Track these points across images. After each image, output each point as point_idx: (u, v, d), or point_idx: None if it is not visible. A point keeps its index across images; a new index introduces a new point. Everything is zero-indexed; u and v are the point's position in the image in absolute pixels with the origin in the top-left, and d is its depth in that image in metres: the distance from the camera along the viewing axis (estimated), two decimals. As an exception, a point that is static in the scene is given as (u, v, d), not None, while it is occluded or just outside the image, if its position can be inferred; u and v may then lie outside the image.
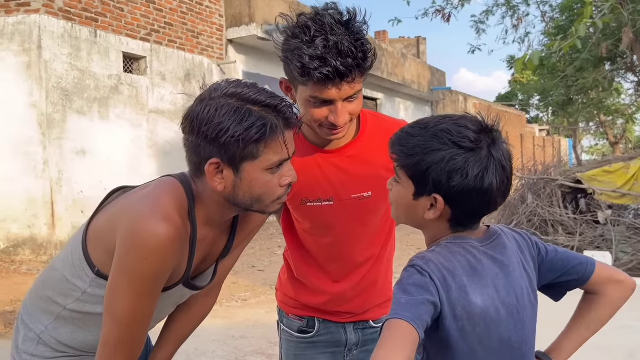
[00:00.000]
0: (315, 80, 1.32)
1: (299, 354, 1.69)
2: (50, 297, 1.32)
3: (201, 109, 1.16)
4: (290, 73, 1.41)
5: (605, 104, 20.26)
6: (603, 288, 1.14)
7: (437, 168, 1.02)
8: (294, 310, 1.70)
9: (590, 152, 42.89)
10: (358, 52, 1.31)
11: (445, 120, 1.06)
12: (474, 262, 1.06)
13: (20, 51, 6.80)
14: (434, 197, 1.04)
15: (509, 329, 1.06)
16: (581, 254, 1.19)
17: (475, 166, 1.01)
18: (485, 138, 1.04)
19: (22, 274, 6.21)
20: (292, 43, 1.35)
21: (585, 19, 3.60)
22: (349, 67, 1.30)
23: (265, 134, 1.14)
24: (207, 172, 1.18)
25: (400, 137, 1.10)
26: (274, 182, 1.21)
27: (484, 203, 1.05)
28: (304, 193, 1.55)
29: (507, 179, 1.06)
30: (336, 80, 1.31)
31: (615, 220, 7.28)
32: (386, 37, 19.12)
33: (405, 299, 0.97)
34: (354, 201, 1.54)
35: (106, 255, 1.21)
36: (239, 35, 10.05)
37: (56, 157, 6.91)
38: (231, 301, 5.67)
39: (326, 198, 1.55)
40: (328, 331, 1.67)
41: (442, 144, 1.03)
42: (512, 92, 34.33)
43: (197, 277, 1.38)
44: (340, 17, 1.32)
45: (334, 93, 1.34)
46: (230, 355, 3.99)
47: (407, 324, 0.92)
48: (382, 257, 1.66)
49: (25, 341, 1.35)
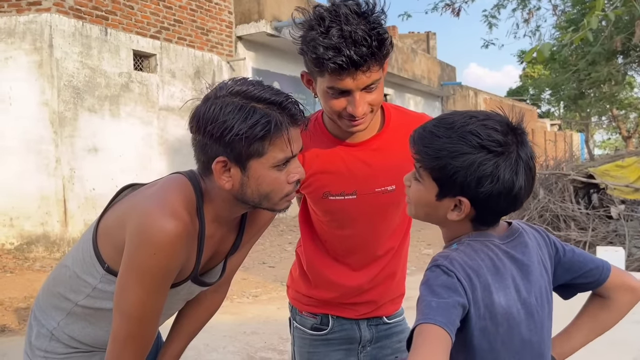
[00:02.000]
0: (329, 71, 1.31)
1: (312, 352, 1.67)
2: (62, 293, 1.33)
3: (206, 108, 1.17)
4: (308, 65, 1.41)
5: (618, 98, 20.07)
6: (615, 294, 1.13)
7: (466, 173, 0.98)
8: (307, 307, 1.68)
9: (602, 146, 42.53)
10: (373, 40, 1.30)
11: (472, 121, 1.02)
12: (496, 260, 1.04)
13: (32, 50, 6.85)
14: (459, 199, 1.01)
15: (529, 329, 1.05)
16: (597, 257, 1.17)
17: (506, 171, 0.99)
18: (512, 139, 1.02)
19: (36, 271, 6.27)
20: (308, 35, 1.34)
21: (597, 11, 3.56)
22: (364, 56, 1.29)
23: (270, 131, 1.14)
24: (214, 171, 1.18)
25: (423, 136, 1.06)
26: (281, 179, 1.21)
27: (511, 204, 1.03)
28: (326, 187, 1.54)
29: (532, 178, 1.04)
30: (351, 69, 1.30)
31: (628, 215, 7.21)
32: (396, 33, 19.04)
33: (436, 302, 0.94)
34: (377, 195, 1.52)
35: (115, 252, 1.22)
36: (248, 32, 10.05)
37: (68, 155, 6.97)
38: (242, 297, 5.69)
39: (349, 192, 1.53)
40: (342, 328, 1.65)
41: (471, 147, 0.99)
42: (523, 86, 34.09)
43: (206, 273, 1.39)
44: (356, 8, 1.32)
45: (350, 83, 1.33)
46: (242, 351, 4.00)
47: (441, 329, 0.90)
48: (401, 250, 1.65)
49: (38, 337, 1.36)
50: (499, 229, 1.11)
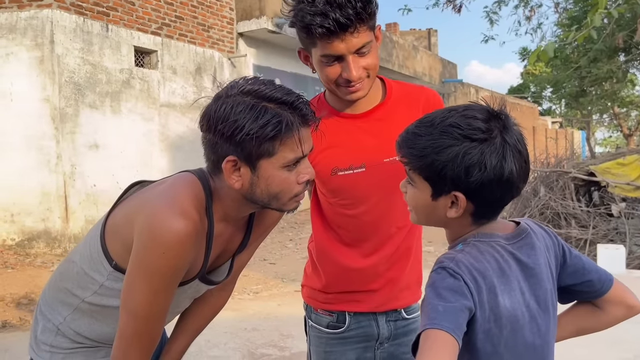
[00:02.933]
0: (318, 36, 1.35)
1: (329, 351, 1.64)
2: (69, 289, 1.33)
3: (217, 107, 1.16)
4: (301, 38, 1.44)
5: (619, 96, 20.04)
6: (610, 307, 1.12)
7: (453, 165, 0.97)
8: (322, 305, 1.65)
9: (603, 144, 42.48)
10: (357, 2, 1.33)
11: (452, 114, 1.01)
12: (502, 262, 1.03)
13: (33, 46, 6.85)
14: (454, 194, 1.00)
15: (532, 333, 1.04)
16: (602, 268, 1.14)
17: (492, 157, 0.97)
18: (495, 125, 1.00)
19: (37, 267, 6.28)
20: (296, 8, 1.40)
21: (600, 9, 3.55)
22: (350, 17, 1.33)
23: (281, 131, 1.14)
24: (224, 170, 1.18)
25: (406, 138, 1.05)
26: (291, 179, 1.20)
27: (507, 191, 1.01)
28: (334, 162, 1.53)
29: (525, 162, 1.02)
30: (340, 32, 1.34)
31: (629, 213, 7.20)
32: (397, 29, 19.02)
33: (442, 306, 0.92)
34: (386, 165, 1.51)
35: (123, 250, 1.22)
36: (250, 28, 10.03)
37: (69, 151, 6.97)
38: (243, 294, 5.70)
39: (357, 165, 1.52)
40: (359, 325, 1.62)
41: (453, 139, 0.98)
42: (524, 84, 34.05)
43: (213, 271, 1.39)
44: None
45: (341, 46, 1.36)
46: (242, 347, 4.01)
47: (448, 335, 0.88)
48: (415, 227, 1.62)
49: (43, 332, 1.36)
50: (505, 228, 1.09)
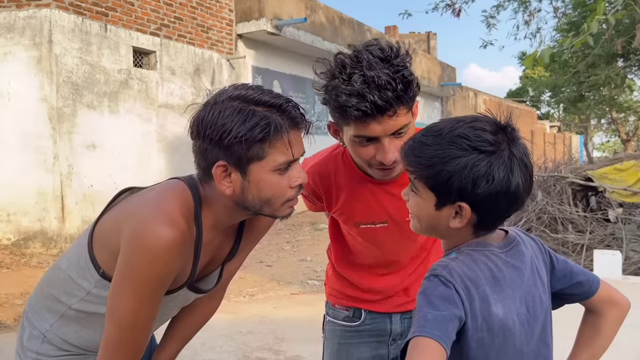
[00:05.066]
0: (353, 118, 1.27)
1: (342, 343, 1.67)
2: (55, 295, 1.32)
3: (206, 113, 1.15)
4: (333, 114, 1.36)
5: (617, 101, 20.08)
6: (604, 309, 1.14)
7: (460, 176, 0.97)
8: (340, 300, 1.70)
9: (601, 149, 42.55)
10: (398, 84, 1.25)
11: (460, 125, 1.01)
12: (495, 271, 1.03)
13: (31, 45, 6.83)
14: (459, 205, 1.00)
15: (520, 340, 1.04)
16: (588, 270, 1.17)
17: (500, 169, 0.97)
18: (503, 137, 1.00)
19: (33, 266, 6.26)
20: (330, 84, 1.30)
21: (598, 15, 3.55)
22: (389, 100, 1.24)
23: (269, 133, 1.13)
24: (215, 176, 1.17)
25: (413, 147, 1.04)
26: (282, 183, 1.19)
27: (511, 203, 1.01)
28: (357, 217, 1.54)
29: (530, 175, 1.03)
30: (376, 115, 1.25)
31: (626, 218, 7.21)
32: (396, 32, 19.03)
33: (432, 314, 0.92)
34: (408, 222, 1.54)
35: (111, 257, 1.21)
36: (249, 30, 10.03)
37: (66, 151, 6.95)
38: (239, 296, 5.68)
39: (380, 221, 1.54)
40: (374, 321, 1.66)
41: (462, 150, 0.97)
42: (523, 88, 34.10)
43: (202, 280, 1.37)
44: (379, 52, 1.28)
45: (377, 129, 1.28)
46: (237, 351, 4.00)
47: (436, 343, 0.88)
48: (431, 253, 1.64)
49: (30, 339, 1.35)
50: (496, 237, 1.09)
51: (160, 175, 7.99)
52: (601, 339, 1.16)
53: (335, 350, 1.68)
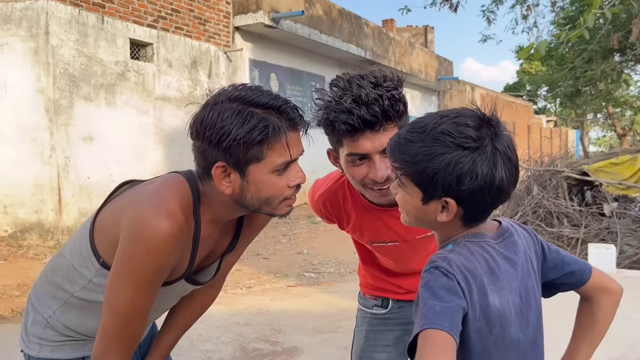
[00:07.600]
0: (343, 133, 1.31)
1: (369, 330, 1.80)
2: (59, 283, 1.34)
3: (205, 114, 1.17)
4: (329, 137, 1.40)
5: (614, 96, 20.13)
6: (597, 296, 1.17)
7: (444, 173, 0.98)
8: (370, 291, 1.84)
9: (597, 143, 42.68)
10: (384, 100, 1.29)
11: (443, 121, 1.02)
12: (491, 262, 1.05)
13: (28, 37, 6.81)
14: (445, 200, 1.02)
15: (516, 329, 1.06)
16: (580, 258, 1.20)
17: (483, 165, 0.98)
18: (486, 132, 1.01)
19: (29, 258, 6.27)
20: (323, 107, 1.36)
21: (595, 10, 3.56)
22: (376, 115, 1.28)
23: (268, 136, 1.14)
24: (214, 176, 1.19)
25: (398, 143, 1.06)
26: (281, 184, 1.21)
27: (497, 197, 1.03)
28: (368, 237, 1.64)
29: (515, 168, 1.04)
30: (365, 130, 1.29)
31: (621, 212, 7.25)
32: (394, 26, 18.99)
33: (439, 306, 0.93)
34: (419, 240, 1.60)
35: (111, 247, 1.22)
36: (246, 22, 10.01)
37: (63, 143, 6.95)
38: (236, 288, 5.71)
39: (391, 240, 1.61)
40: (401, 310, 1.78)
41: (445, 147, 0.98)
42: (519, 82, 34.11)
43: (200, 272, 1.39)
44: (371, 78, 1.33)
45: (367, 145, 1.32)
46: (234, 342, 4.03)
47: (447, 334, 0.89)
48: None
49: (33, 324, 1.37)
50: (490, 228, 1.11)
51: (157, 168, 8.00)
52: (598, 325, 1.18)
53: (363, 337, 1.81)
